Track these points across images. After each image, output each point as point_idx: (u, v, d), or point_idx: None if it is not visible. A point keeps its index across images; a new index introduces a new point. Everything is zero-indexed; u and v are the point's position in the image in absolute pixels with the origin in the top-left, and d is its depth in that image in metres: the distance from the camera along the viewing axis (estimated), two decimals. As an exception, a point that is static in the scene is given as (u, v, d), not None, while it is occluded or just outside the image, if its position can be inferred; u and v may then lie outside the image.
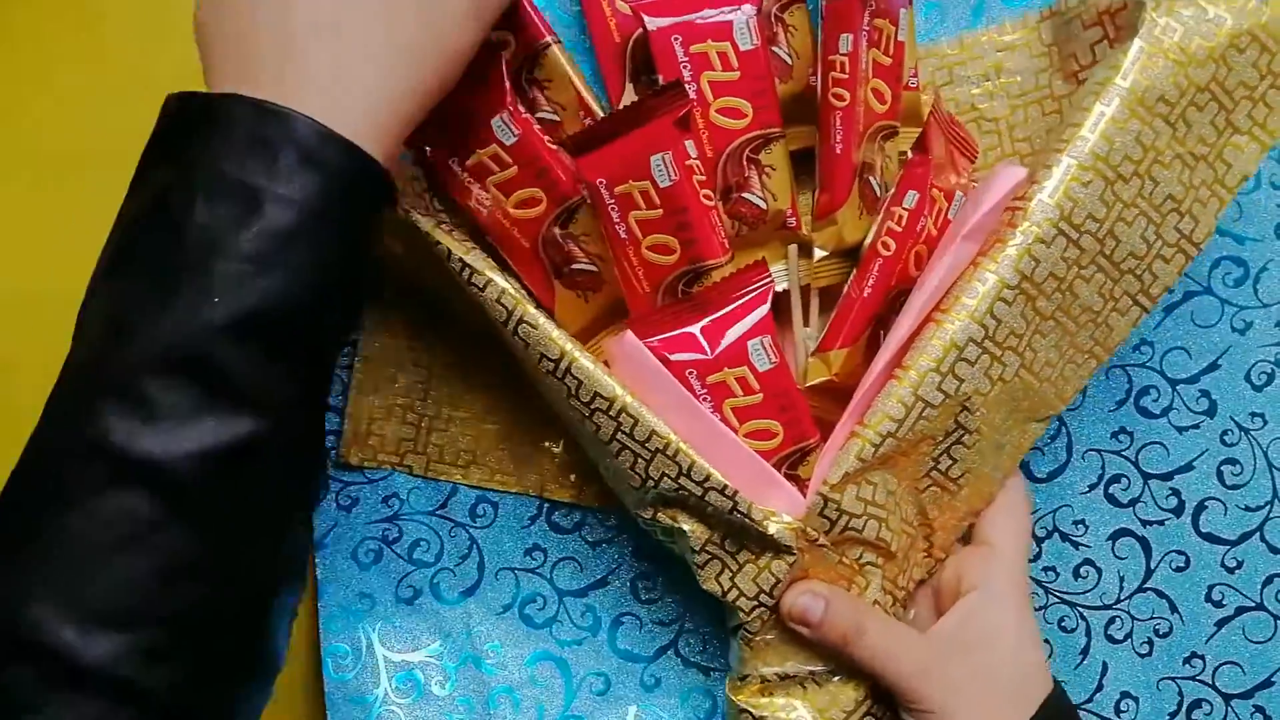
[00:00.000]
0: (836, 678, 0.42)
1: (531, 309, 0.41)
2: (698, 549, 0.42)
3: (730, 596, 0.42)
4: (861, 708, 0.42)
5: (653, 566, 0.48)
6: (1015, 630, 0.42)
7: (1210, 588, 0.48)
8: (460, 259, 0.41)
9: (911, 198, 0.42)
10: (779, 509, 0.41)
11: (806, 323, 0.44)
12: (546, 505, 0.48)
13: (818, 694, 0.42)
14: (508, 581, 0.48)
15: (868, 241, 0.43)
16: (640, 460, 0.41)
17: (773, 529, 0.40)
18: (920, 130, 0.44)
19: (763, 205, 0.43)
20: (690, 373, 0.41)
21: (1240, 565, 0.47)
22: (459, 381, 0.47)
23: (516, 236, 0.43)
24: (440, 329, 0.47)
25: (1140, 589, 0.48)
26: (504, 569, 0.48)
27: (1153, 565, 0.48)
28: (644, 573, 0.48)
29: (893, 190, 0.43)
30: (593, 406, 0.41)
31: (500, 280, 0.41)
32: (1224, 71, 0.40)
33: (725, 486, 0.40)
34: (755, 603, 0.41)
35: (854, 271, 0.43)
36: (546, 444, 0.48)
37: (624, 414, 0.40)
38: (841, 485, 0.41)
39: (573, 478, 0.47)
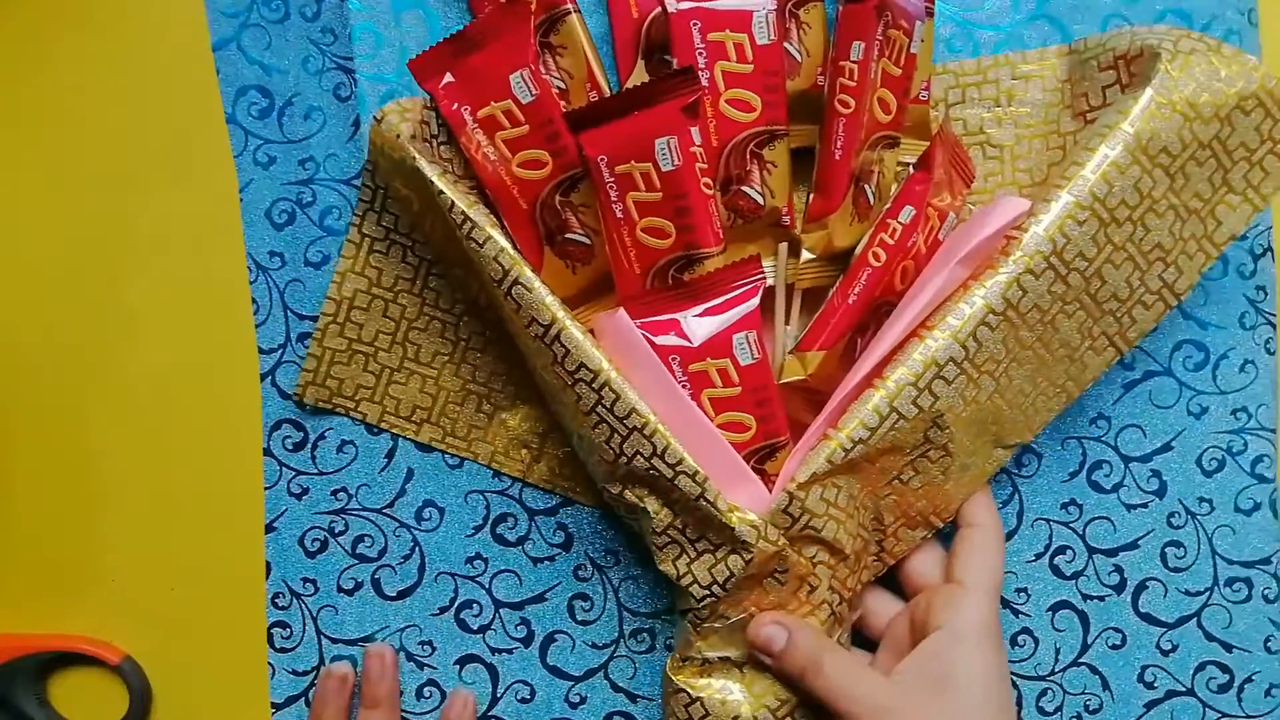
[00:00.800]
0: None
1: (528, 271, 0.41)
2: (659, 530, 0.42)
3: (684, 581, 0.42)
4: (796, 696, 0.43)
5: (592, 589, 0.48)
6: (983, 672, 0.41)
7: (1144, 668, 0.48)
8: (463, 211, 0.41)
9: (908, 213, 0.43)
10: (744, 502, 0.42)
11: (788, 321, 0.45)
12: (493, 517, 0.48)
13: (755, 679, 0.43)
14: (446, 585, 0.48)
15: (858, 250, 0.44)
16: (616, 435, 0.41)
17: (735, 523, 0.41)
18: (924, 145, 0.44)
19: (761, 201, 0.43)
20: (673, 359, 0.41)
21: (1175, 649, 0.48)
22: (427, 338, 0.47)
23: (515, 196, 0.43)
24: (421, 282, 0.46)
25: (1075, 663, 0.48)
26: (444, 573, 0.48)
27: (1089, 640, 0.48)
28: (582, 594, 0.48)
29: (889, 203, 0.44)
30: (576, 376, 0.41)
31: (500, 238, 0.41)
32: (1227, 131, 0.41)
33: (697, 473, 0.41)
34: (707, 592, 0.42)
35: (841, 277, 0.44)
36: (504, 416, 0.47)
37: (606, 388, 0.41)
38: (808, 485, 0.41)
39: (523, 453, 0.48)
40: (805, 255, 0.44)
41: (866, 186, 0.44)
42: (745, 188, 0.43)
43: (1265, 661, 0.48)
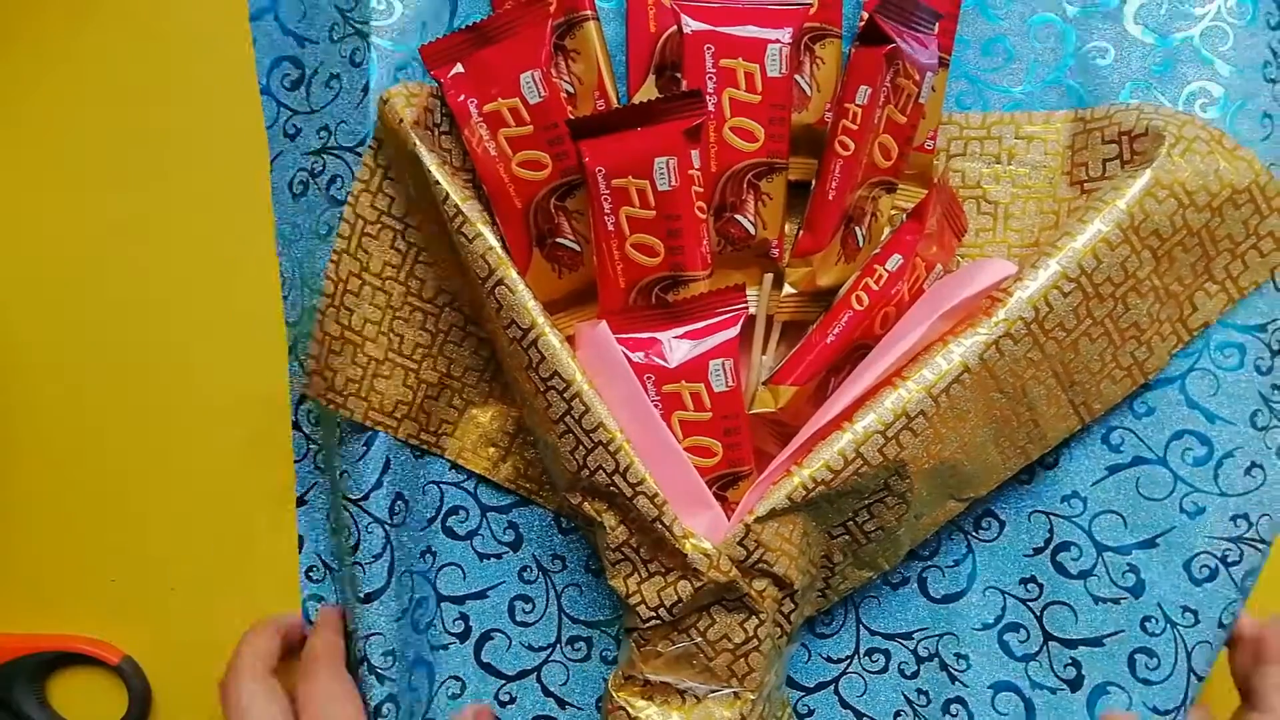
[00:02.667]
0: (713, 695, 0.43)
1: (513, 273, 0.41)
2: (613, 546, 0.42)
3: (633, 600, 0.42)
4: None
5: (535, 591, 0.48)
6: None
7: None
8: (456, 204, 0.41)
9: (895, 261, 0.43)
10: (702, 528, 0.42)
11: (764, 351, 0.45)
12: (445, 510, 0.48)
13: (694, 709, 0.43)
14: (407, 584, 0.47)
15: (842, 291, 0.44)
16: (581, 447, 0.41)
17: (689, 550, 0.41)
18: (923, 193, 0.45)
19: (752, 230, 0.44)
20: (648, 377, 0.41)
21: None
22: (409, 329, 0.46)
23: (511, 195, 0.43)
24: (407, 270, 0.46)
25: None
26: (405, 571, 0.47)
27: None
28: (525, 595, 0.48)
29: (878, 249, 0.44)
30: (549, 384, 0.41)
31: (490, 236, 0.41)
32: (1216, 221, 0.42)
33: (656, 495, 0.41)
34: (654, 614, 0.42)
35: (822, 316, 0.44)
36: (475, 412, 0.47)
37: (577, 399, 0.41)
38: (765, 519, 0.41)
39: (491, 451, 0.47)
40: (787, 289, 0.44)
41: (858, 228, 0.45)
42: (738, 216, 0.43)
43: None
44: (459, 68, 0.42)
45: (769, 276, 0.45)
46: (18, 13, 0.49)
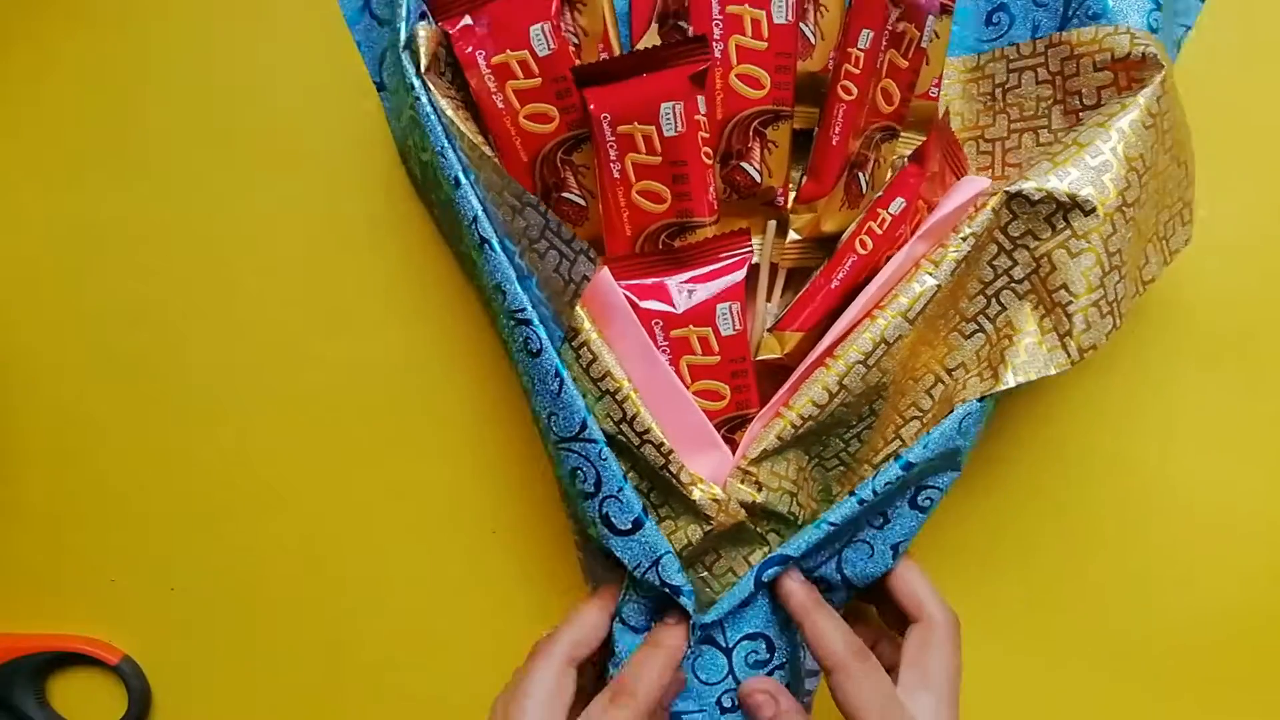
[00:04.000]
0: None
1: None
2: (626, 489, 0.43)
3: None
4: None
5: None
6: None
7: None
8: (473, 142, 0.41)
9: (898, 204, 0.43)
10: (709, 469, 0.43)
11: (769, 299, 0.46)
12: None
13: None
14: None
15: (846, 236, 0.44)
16: (589, 395, 0.42)
17: (696, 495, 0.42)
18: (922, 140, 0.45)
19: (757, 178, 0.44)
20: (656, 323, 0.42)
21: None
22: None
23: (518, 147, 0.43)
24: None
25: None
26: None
27: None
28: None
29: (881, 193, 0.44)
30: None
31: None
32: (1181, 174, 0.42)
33: (662, 444, 0.41)
34: None
35: (826, 261, 0.44)
36: None
37: (585, 348, 0.41)
38: (759, 461, 0.42)
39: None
40: (792, 236, 0.44)
41: (861, 175, 0.45)
42: (744, 164, 0.44)
43: None
44: (467, 19, 0.42)
45: (773, 224, 0.45)
46: (18, 13, 0.48)
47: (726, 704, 0.45)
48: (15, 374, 0.49)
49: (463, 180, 0.41)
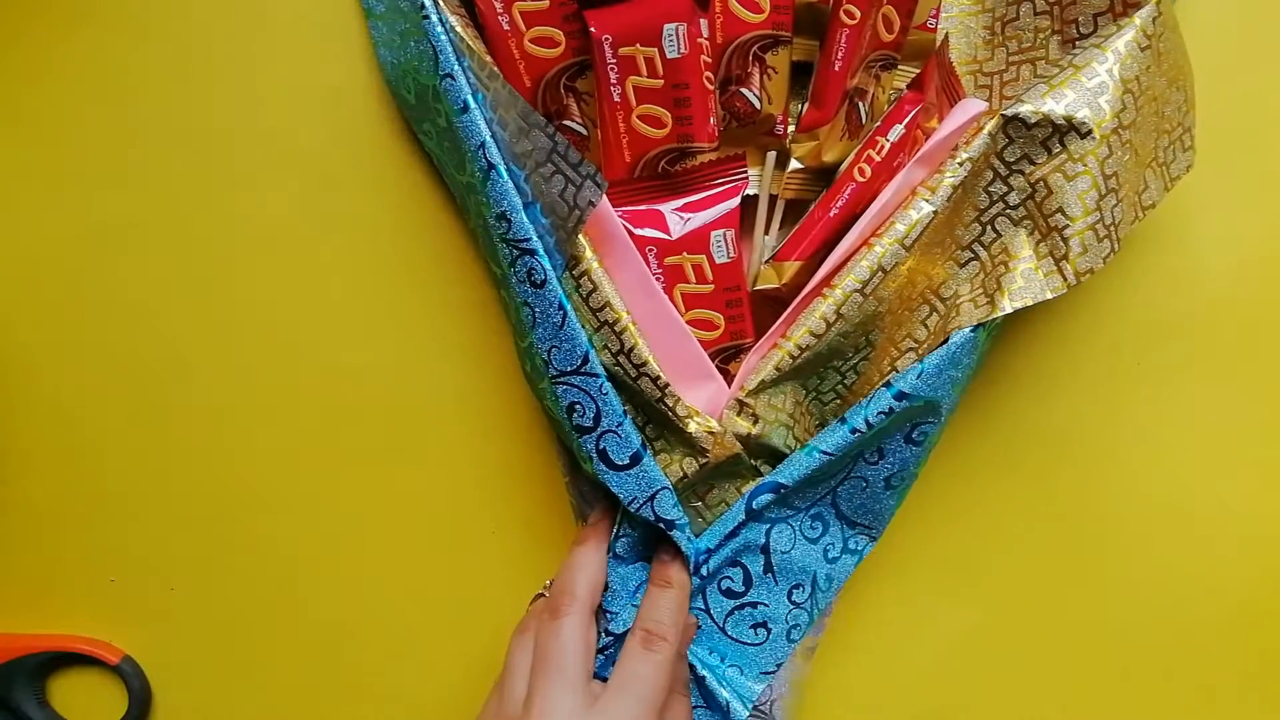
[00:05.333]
0: None
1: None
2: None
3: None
4: None
5: None
6: None
7: None
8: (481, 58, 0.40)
9: (896, 131, 0.43)
10: (704, 401, 0.42)
11: (767, 230, 0.45)
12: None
13: None
14: None
15: (845, 165, 0.44)
16: (588, 325, 0.41)
17: (691, 428, 0.42)
18: (919, 72, 0.45)
19: (757, 105, 0.43)
20: (650, 250, 0.42)
21: None
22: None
23: (521, 72, 0.42)
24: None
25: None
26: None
27: None
28: None
29: (879, 121, 0.44)
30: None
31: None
32: (1179, 98, 0.42)
33: (659, 377, 0.41)
34: None
35: (825, 191, 0.44)
36: None
37: (586, 277, 0.41)
38: (756, 393, 0.42)
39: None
40: (793, 165, 0.44)
41: (860, 104, 0.45)
42: (744, 89, 0.43)
43: None
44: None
45: (771, 154, 0.45)
46: (18, 13, 0.47)
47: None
48: (15, 374, 0.49)
49: (471, 104, 0.40)
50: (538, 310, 0.41)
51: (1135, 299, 0.50)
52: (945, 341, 0.43)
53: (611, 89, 0.41)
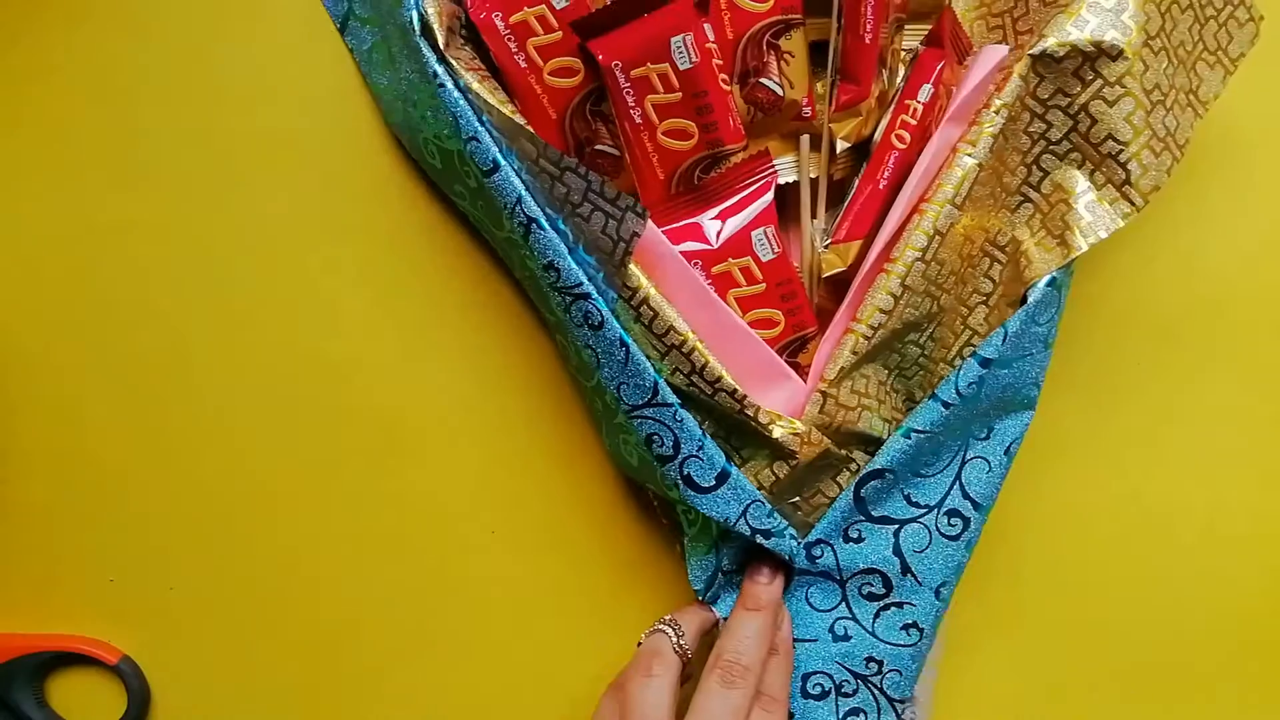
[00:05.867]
0: None
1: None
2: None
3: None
4: None
5: None
6: None
7: None
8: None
9: (925, 91, 0.42)
10: (783, 402, 0.42)
11: (814, 215, 0.45)
12: None
13: None
14: None
15: (879, 134, 0.43)
16: (655, 351, 0.41)
17: (776, 434, 0.42)
18: (925, 28, 0.43)
19: (780, 92, 0.43)
20: (695, 263, 0.42)
21: None
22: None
23: (545, 106, 0.42)
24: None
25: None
26: None
27: None
28: None
29: (904, 83, 0.43)
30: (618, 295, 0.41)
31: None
32: None
33: (735, 390, 0.41)
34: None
35: (866, 164, 0.43)
36: None
37: (645, 305, 0.41)
38: (838, 381, 0.42)
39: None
40: (840, 146, 0.43)
41: (883, 71, 0.43)
42: (763, 80, 0.43)
43: None
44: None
45: (805, 138, 0.44)
46: (17, 13, 0.48)
47: (839, 632, 0.45)
48: (14, 374, 0.49)
49: (501, 162, 0.40)
50: (600, 351, 0.41)
51: (1135, 299, 0.49)
52: (1024, 301, 0.42)
53: (631, 112, 0.41)
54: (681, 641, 0.42)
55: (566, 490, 0.49)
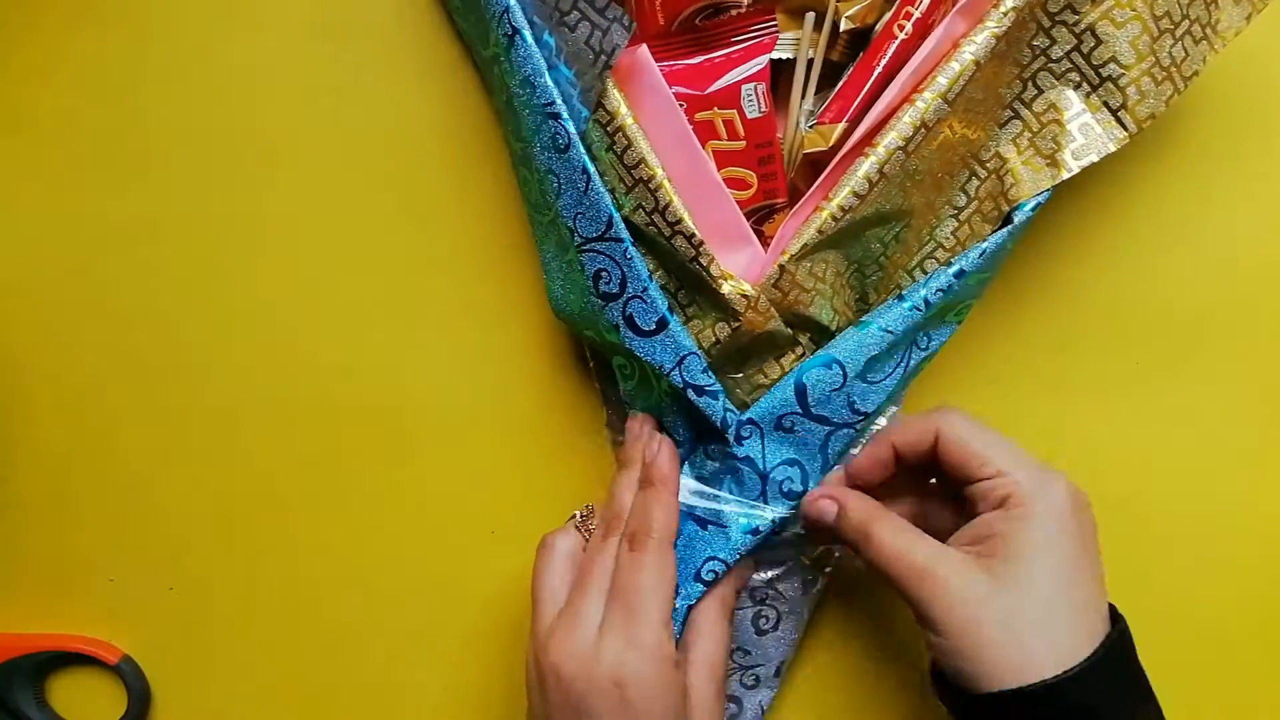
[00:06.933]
0: None
1: None
2: (652, 290, 0.43)
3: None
4: None
5: None
6: (1069, 551, 0.37)
7: None
8: None
9: (935, -16, 0.42)
10: (740, 265, 0.42)
11: (804, 96, 0.44)
12: None
13: None
14: None
15: (883, 21, 0.43)
16: (622, 184, 0.41)
17: (725, 289, 0.41)
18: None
19: (793, -38, 0.43)
20: (680, 105, 0.41)
21: None
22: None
23: None
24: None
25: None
26: None
27: None
28: None
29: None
30: (593, 116, 0.41)
31: None
32: None
33: (694, 235, 0.41)
34: None
35: (864, 50, 0.43)
36: None
37: (620, 133, 0.40)
38: (799, 258, 0.41)
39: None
40: (844, 26, 0.43)
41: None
42: (779, -54, 0.43)
43: None
44: None
45: (810, 16, 0.44)
46: (19, 13, 0.48)
47: (748, 525, 0.44)
48: (15, 373, 0.49)
49: None
50: (562, 177, 0.41)
51: (1135, 298, 0.49)
52: (1007, 220, 0.41)
53: (642, -52, 0.41)
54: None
55: (566, 490, 0.49)
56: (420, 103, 0.48)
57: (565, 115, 0.40)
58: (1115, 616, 0.37)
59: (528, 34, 0.40)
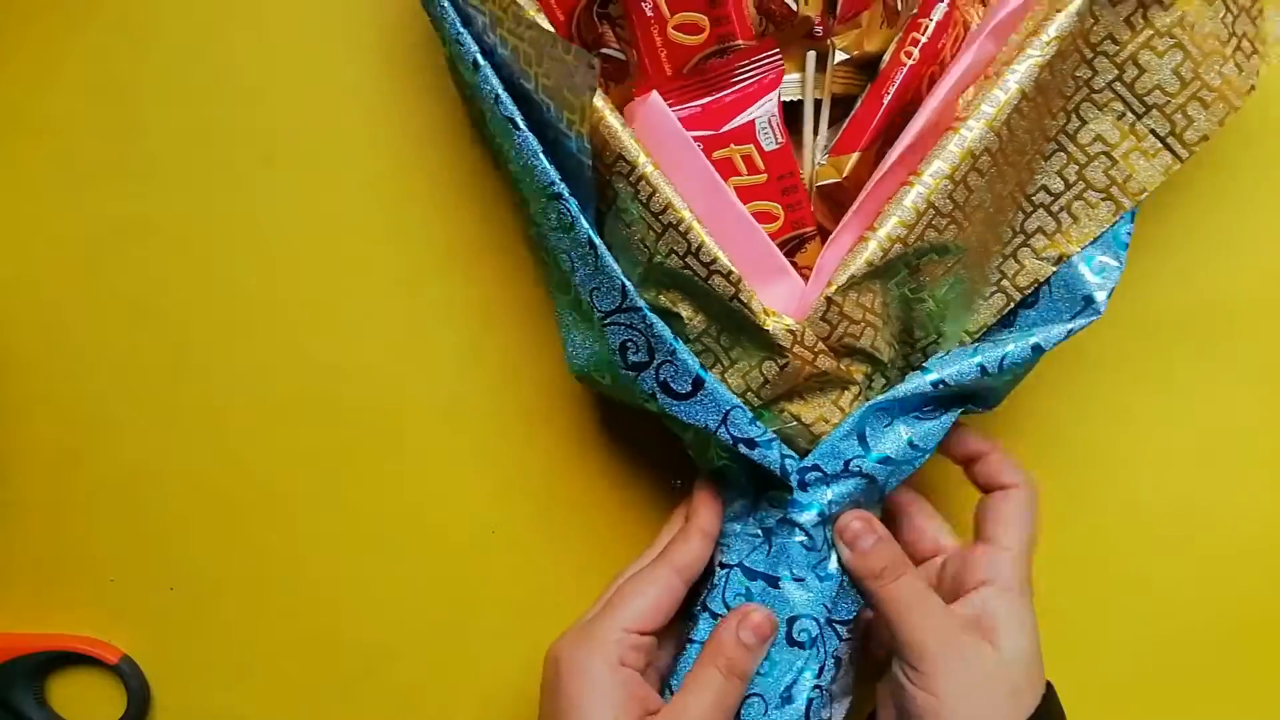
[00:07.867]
0: None
1: None
2: (693, 338, 0.42)
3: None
4: None
5: None
6: (1028, 624, 0.41)
7: None
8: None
9: (939, 10, 0.42)
10: (781, 299, 0.41)
11: (816, 132, 0.45)
12: None
13: None
14: None
15: (890, 50, 0.44)
16: (651, 232, 0.40)
17: (770, 327, 0.40)
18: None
19: (794, 6, 0.43)
20: (697, 146, 0.41)
21: None
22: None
23: (553, 6, 0.43)
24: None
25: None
26: None
27: None
28: None
29: (916, 9, 0.44)
30: (613, 169, 0.40)
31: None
32: None
33: (731, 272, 0.40)
34: (740, 399, 0.42)
35: (874, 78, 0.43)
36: None
37: (643, 182, 0.40)
38: (845, 289, 0.40)
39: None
40: (839, 57, 0.43)
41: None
42: (778, -10, 0.43)
43: None
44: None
45: (812, 54, 0.44)
46: (20, 14, 0.49)
47: (821, 574, 0.43)
48: (15, 373, 0.49)
49: (481, 62, 0.41)
50: (574, 255, 0.41)
51: (1135, 299, 0.49)
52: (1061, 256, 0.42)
53: (643, 4, 0.42)
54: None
55: (566, 490, 0.49)
56: (420, 103, 0.48)
57: (566, 194, 0.40)
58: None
59: (521, 121, 0.40)
